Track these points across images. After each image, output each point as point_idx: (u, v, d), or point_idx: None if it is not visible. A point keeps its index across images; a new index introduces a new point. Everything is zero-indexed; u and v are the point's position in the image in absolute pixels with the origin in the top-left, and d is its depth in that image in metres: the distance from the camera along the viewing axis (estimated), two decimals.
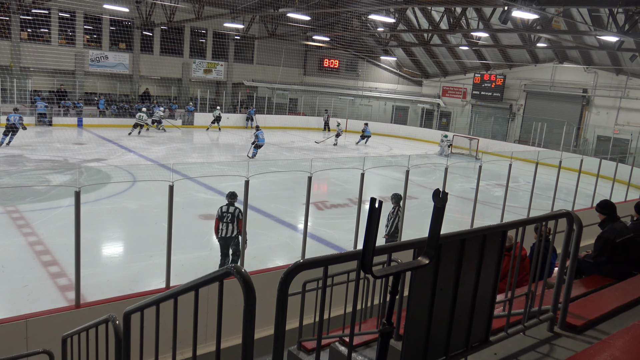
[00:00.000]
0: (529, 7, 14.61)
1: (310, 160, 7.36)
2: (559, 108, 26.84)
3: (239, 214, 8.09)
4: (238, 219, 8.09)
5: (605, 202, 5.20)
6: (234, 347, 5.39)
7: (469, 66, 31.19)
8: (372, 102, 34.84)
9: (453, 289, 2.27)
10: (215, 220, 8.25)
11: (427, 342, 2.21)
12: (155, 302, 2.69)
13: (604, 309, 3.30)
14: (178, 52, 29.52)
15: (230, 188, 7.83)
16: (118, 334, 3.20)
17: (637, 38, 18.13)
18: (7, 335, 4.98)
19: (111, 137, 22.03)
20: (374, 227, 1.60)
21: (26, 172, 14.84)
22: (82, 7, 24.42)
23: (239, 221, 8.08)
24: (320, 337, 2.14)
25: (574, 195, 11.28)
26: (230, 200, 8.23)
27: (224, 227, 8.09)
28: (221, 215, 8.12)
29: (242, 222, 7.46)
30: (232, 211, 8.13)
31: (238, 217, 8.09)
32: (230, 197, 8.25)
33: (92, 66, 26.57)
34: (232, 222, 8.10)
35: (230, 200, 8.23)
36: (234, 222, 8.10)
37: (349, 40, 31.19)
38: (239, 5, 24.04)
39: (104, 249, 9.61)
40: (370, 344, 3.25)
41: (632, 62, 22.72)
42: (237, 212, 8.11)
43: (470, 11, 22.41)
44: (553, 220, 3.03)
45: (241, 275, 1.91)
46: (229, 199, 8.24)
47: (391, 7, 23.21)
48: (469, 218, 9.84)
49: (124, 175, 15.12)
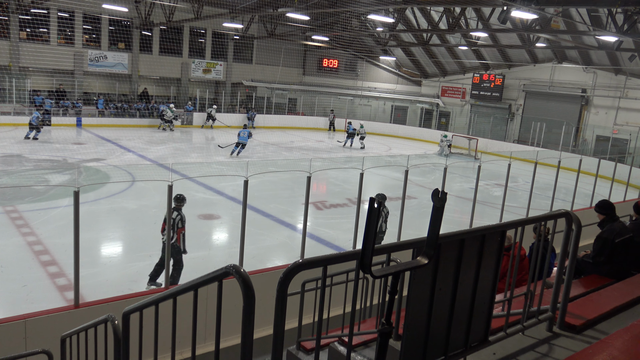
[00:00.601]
0: (528, 7, 14.62)
1: (309, 160, 7.36)
2: (558, 108, 26.86)
3: (179, 221, 7.50)
4: (178, 227, 7.47)
5: (604, 202, 5.20)
6: (233, 347, 5.40)
7: (468, 66, 31.20)
8: (371, 102, 34.85)
9: (452, 289, 2.27)
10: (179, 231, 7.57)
11: (426, 342, 2.21)
12: (155, 302, 2.69)
13: (603, 308, 3.30)
14: (177, 51, 29.50)
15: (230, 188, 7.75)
16: (117, 334, 3.20)
17: (636, 38, 18.15)
18: (6, 335, 4.98)
19: (110, 137, 22.01)
20: (373, 227, 1.60)
21: (25, 172, 14.83)
22: (81, 7, 24.40)
23: (178, 229, 7.49)
24: (320, 337, 2.14)
25: (572, 195, 11.29)
26: (177, 204, 7.55)
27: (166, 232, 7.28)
28: (182, 223, 7.55)
29: (181, 231, 7.13)
30: (175, 217, 7.39)
31: (178, 225, 7.46)
32: (176, 201, 7.52)
33: (91, 66, 26.56)
34: (173, 229, 7.33)
35: (177, 204, 7.52)
36: (174, 230, 7.41)
37: (348, 40, 31.19)
38: (238, 5, 24.04)
39: (103, 249, 9.60)
40: (369, 344, 3.25)
41: (631, 62, 22.75)
42: (177, 218, 7.47)
43: (469, 11, 22.43)
44: (552, 220, 3.03)
45: (240, 275, 1.91)
46: (176, 202, 7.51)
47: (390, 7, 23.22)
48: (468, 218, 9.85)
49: (123, 175, 15.11)
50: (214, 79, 31.42)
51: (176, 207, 7.51)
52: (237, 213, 9.36)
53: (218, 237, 11.02)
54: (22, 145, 18.54)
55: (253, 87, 32.75)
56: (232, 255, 8.84)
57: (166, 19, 25.84)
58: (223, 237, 11.09)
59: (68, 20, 25.33)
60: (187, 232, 7.79)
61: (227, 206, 12.84)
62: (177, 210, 7.51)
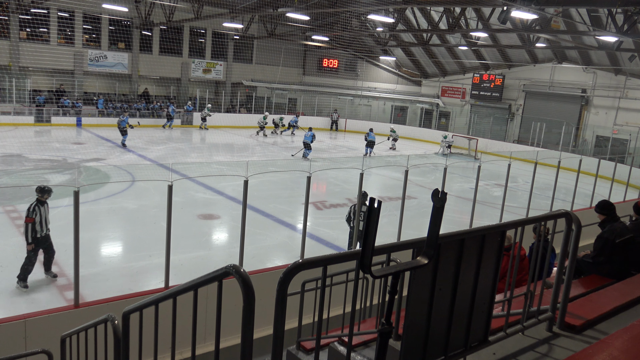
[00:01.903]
0: (528, 7, 14.62)
1: (309, 160, 7.36)
2: (557, 108, 26.87)
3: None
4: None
5: (604, 202, 5.20)
6: (233, 347, 5.39)
7: (468, 66, 31.20)
8: (371, 102, 34.85)
9: (452, 289, 2.27)
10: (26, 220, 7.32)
11: (426, 342, 2.21)
12: (154, 302, 2.69)
13: (603, 308, 3.30)
14: (177, 51, 29.50)
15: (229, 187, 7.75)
16: (117, 333, 3.20)
17: (636, 38, 18.16)
18: (6, 335, 4.98)
19: (110, 137, 22.01)
20: (373, 227, 1.60)
21: (25, 171, 14.82)
22: (81, 7, 24.39)
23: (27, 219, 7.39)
24: (319, 337, 2.14)
25: (572, 195, 11.29)
26: (42, 195, 7.43)
27: (38, 227, 7.34)
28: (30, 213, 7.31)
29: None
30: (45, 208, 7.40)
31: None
32: (40, 192, 7.42)
33: (91, 66, 26.56)
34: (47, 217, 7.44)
35: (42, 195, 7.42)
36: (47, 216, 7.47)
37: (348, 40, 31.19)
38: (238, 5, 24.03)
39: (103, 249, 9.60)
40: (369, 344, 3.25)
41: (631, 62, 22.75)
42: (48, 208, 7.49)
43: (469, 11, 22.43)
44: (552, 220, 3.03)
45: (240, 275, 1.91)
46: (41, 194, 7.41)
47: (390, 7, 23.22)
48: (468, 218, 9.85)
49: (123, 175, 15.11)
50: (214, 79, 31.42)
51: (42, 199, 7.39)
52: (237, 213, 9.36)
53: (218, 237, 11.01)
54: (22, 145, 18.54)
55: (253, 87, 32.75)
56: (232, 255, 8.84)
57: (166, 19, 25.84)
58: (223, 237, 11.09)
59: (68, 20, 25.33)
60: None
61: (227, 206, 12.84)
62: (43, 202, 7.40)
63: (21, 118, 23.51)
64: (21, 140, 19.34)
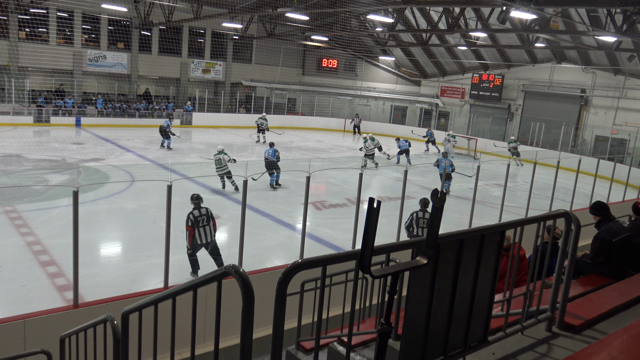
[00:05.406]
0: (527, 7, 14.62)
1: (308, 160, 7.36)
2: (557, 108, 26.88)
3: (211, 212, 8.01)
4: (212, 217, 7.99)
5: (597, 203, 5.22)
6: (232, 347, 5.39)
7: (467, 66, 31.21)
8: (370, 102, 34.84)
9: (451, 289, 2.27)
10: (187, 228, 7.79)
11: (425, 342, 2.21)
12: (154, 302, 2.69)
13: (602, 308, 3.31)
14: (176, 51, 29.49)
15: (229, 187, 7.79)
16: (116, 334, 3.20)
17: (635, 38, 18.17)
18: (5, 335, 4.98)
19: (109, 137, 22.00)
20: (372, 227, 1.60)
21: (24, 171, 14.81)
22: (80, 7, 24.37)
23: (214, 220, 8.04)
24: (319, 337, 2.14)
25: (572, 195, 11.30)
26: (197, 202, 7.98)
27: (201, 231, 7.85)
28: (195, 221, 7.80)
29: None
30: (205, 212, 7.91)
31: (212, 216, 7.99)
32: (197, 200, 8.02)
33: (91, 66, 26.54)
34: (208, 224, 7.93)
35: (196, 202, 7.97)
36: (210, 223, 7.95)
37: (347, 40, 31.18)
38: (238, 5, 24.02)
39: (102, 249, 9.59)
40: (368, 344, 3.25)
41: (630, 62, 22.76)
42: (209, 211, 7.97)
43: (468, 11, 22.42)
44: (551, 220, 3.03)
45: (239, 275, 1.91)
46: (196, 201, 7.99)
47: (389, 7, 23.22)
48: (467, 218, 9.86)
49: (122, 175, 15.11)
50: (213, 79, 31.41)
51: (198, 205, 7.96)
52: (236, 213, 9.37)
53: (217, 237, 10.96)
54: (21, 145, 18.52)
55: (252, 87, 32.74)
56: (232, 255, 8.83)
57: (165, 19, 25.82)
58: (222, 237, 11.06)
59: (67, 20, 25.29)
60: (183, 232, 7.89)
61: (226, 206, 12.84)
62: (200, 207, 7.97)
63: (20, 118, 23.50)
64: (20, 140, 19.32)
